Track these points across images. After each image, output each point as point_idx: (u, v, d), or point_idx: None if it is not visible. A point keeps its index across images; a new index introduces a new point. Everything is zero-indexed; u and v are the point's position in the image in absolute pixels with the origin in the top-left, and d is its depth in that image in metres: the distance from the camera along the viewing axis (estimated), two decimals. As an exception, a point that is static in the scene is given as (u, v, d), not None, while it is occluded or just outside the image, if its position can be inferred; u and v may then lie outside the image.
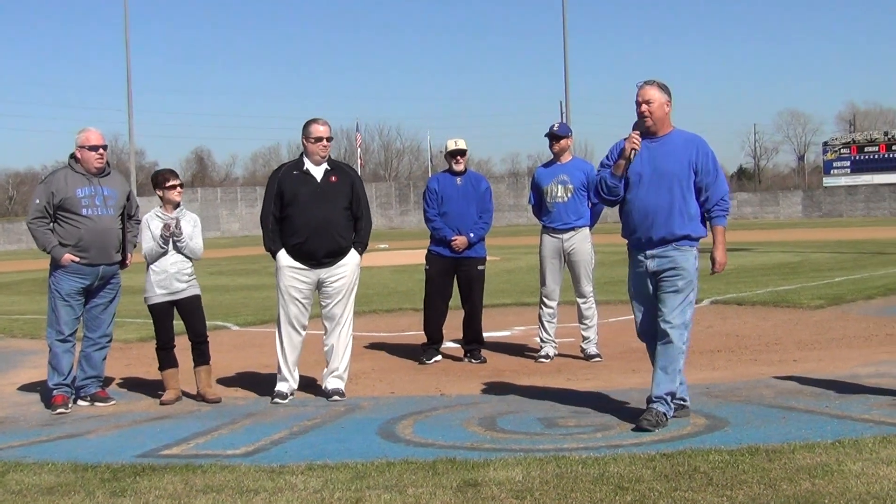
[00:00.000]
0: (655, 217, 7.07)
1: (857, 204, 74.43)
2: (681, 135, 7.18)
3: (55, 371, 8.58)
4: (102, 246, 8.60)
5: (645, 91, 7.08)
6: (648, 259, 7.14)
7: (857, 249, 27.90)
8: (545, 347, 10.33)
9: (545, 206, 10.31)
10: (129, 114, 62.84)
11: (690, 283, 7.06)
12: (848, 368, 8.96)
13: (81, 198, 8.53)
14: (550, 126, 10.30)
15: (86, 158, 8.64)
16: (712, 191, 7.05)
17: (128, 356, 11.42)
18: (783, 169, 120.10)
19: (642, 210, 7.13)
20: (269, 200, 8.61)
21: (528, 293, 17.58)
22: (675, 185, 7.04)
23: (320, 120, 8.66)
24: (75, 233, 8.50)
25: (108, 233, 8.64)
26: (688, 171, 7.04)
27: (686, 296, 7.05)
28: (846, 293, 15.36)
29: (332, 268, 8.54)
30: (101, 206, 8.61)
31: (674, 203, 7.04)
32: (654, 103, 7.06)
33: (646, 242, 7.15)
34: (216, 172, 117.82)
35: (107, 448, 6.89)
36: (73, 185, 8.54)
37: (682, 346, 7.03)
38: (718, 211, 7.10)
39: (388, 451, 6.45)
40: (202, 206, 71.55)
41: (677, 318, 7.01)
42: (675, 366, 6.99)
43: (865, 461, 5.65)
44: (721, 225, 7.13)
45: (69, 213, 8.50)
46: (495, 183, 77.21)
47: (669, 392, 6.97)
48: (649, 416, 6.88)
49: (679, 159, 7.06)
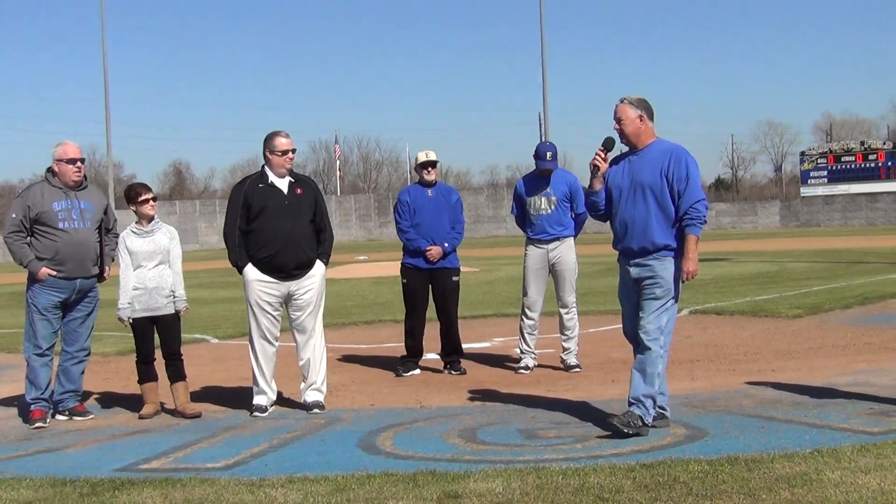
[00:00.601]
0: (634, 228, 7.22)
1: (835, 213, 74.82)
2: (659, 146, 7.28)
3: (33, 385, 8.53)
4: (79, 259, 8.55)
5: (617, 109, 7.30)
6: (631, 267, 7.28)
7: (835, 259, 28.04)
8: (525, 359, 10.32)
9: (528, 217, 10.30)
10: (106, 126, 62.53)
11: (668, 292, 7.14)
12: (826, 377, 9.00)
13: (58, 211, 8.49)
14: (540, 147, 10.31)
15: (63, 172, 8.61)
16: (684, 198, 7.11)
17: (106, 370, 11.37)
18: (761, 179, 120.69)
19: (622, 222, 7.30)
20: (235, 214, 8.57)
21: (507, 304, 17.60)
22: (648, 195, 7.17)
23: (282, 132, 8.65)
24: (52, 246, 8.45)
25: (84, 246, 8.60)
26: (660, 181, 7.15)
27: (663, 303, 7.13)
28: (824, 302, 15.43)
29: (300, 280, 8.53)
30: (78, 220, 8.57)
31: (649, 213, 7.15)
32: (625, 120, 7.26)
33: (629, 253, 7.29)
34: (195, 185, 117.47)
35: (85, 462, 6.86)
36: (49, 198, 8.51)
37: (659, 349, 7.08)
38: (688, 219, 7.12)
39: (368, 463, 6.45)
40: (181, 218, 71.33)
41: (652, 323, 7.09)
42: (651, 370, 7.04)
43: (844, 470, 5.68)
44: (692, 234, 7.14)
45: (46, 227, 8.46)
46: (474, 195, 77.35)
47: (647, 395, 7.00)
48: (622, 416, 6.96)
49: (651, 171, 7.19)
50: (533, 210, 10.21)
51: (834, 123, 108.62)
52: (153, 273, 8.52)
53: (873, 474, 5.57)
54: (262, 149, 8.65)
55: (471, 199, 73.60)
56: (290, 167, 8.64)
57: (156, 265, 8.55)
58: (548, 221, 10.18)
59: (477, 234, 70.14)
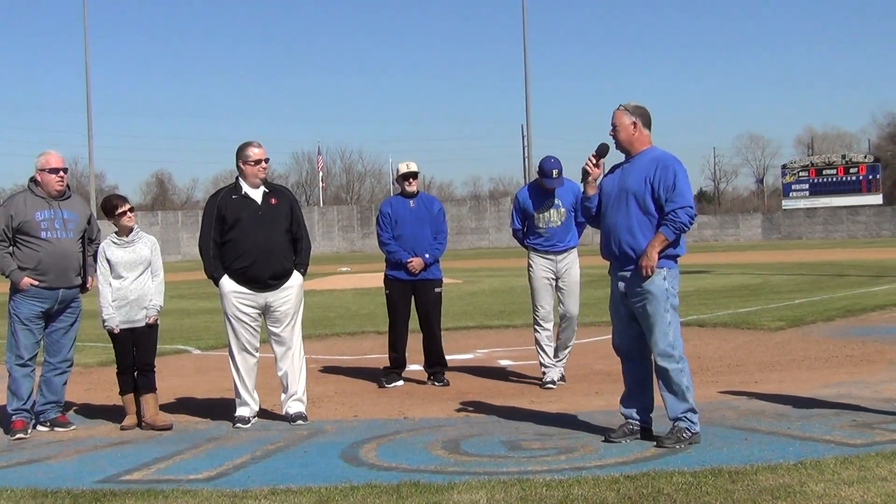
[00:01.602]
0: (615, 234, 7.19)
1: (816, 226, 75.19)
2: (650, 153, 7.25)
3: (14, 396, 8.47)
4: (62, 269, 8.51)
5: (613, 116, 7.27)
6: (619, 280, 7.25)
7: (817, 271, 28.16)
8: (549, 373, 10.04)
9: (535, 230, 10.06)
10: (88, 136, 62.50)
11: (661, 306, 7.06)
12: (809, 389, 9.02)
13: (40, 221, 8.45)
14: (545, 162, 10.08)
15: (46, 181, 8.57)
16: (667, 203, 7.06)
17: (88, 380, 11.31)
18: (742, 192, 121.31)
19: (606, 228, 7.30)
20: (209, 226, 8.54)
21: (490, 316, 17.61)
22: (631, 201, 7.13)
23: (255, 142, 8.63)
24: (34, 256, 8.41)
25: (67, 256, 8.56)
26: (644, 187, 7.11)
27: (661, 319, 7.06)
28: (806, 315, 15.49)
29: (277, 291, 8.50)
30: (61, 230, 8.53)
31: (631, 219, 7.12)
32: (619, 127, 7.24)
33: (613, 260, 7.27)
34: (177, 195, 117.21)
35: (67, 474, 6.81)
36: (32, 208, 8.47)
37: (675, 366, 7.06)
38: (665, 220, 7.04)
39: (351, 474, 6.42)
40: (163, 229, 71.19)
41: (659, 343, 7.07)
42: (678, 387, 7.04)
43: (827, 482, 5.69)
44: (662, 232, 7.04)
45: (28, 237, 8.42)
46: (457, 206, 77.38)
47: (685, 410, 7.00)
48: (670, 434, 6.97)
49: (636, 178, 7.17)
50: (542, 224, 9.98)
51: (815, 137, 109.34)
52: (134, 284, 8.46)
53: (856, 486, 5.58)
54: (235, 160, 8.63)
55: (454, 211, 73.63)
56: (264, 177, 8.62)
57: (138, 276, 8.48)
58: (559, 233, 10.00)
59: (460, 245, 70.14)
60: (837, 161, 77.82)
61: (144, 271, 8.54)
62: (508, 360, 12.02)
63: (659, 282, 7.08)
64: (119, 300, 8.42)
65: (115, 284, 8.44)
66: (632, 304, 7.18)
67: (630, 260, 7.14)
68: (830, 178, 76.53)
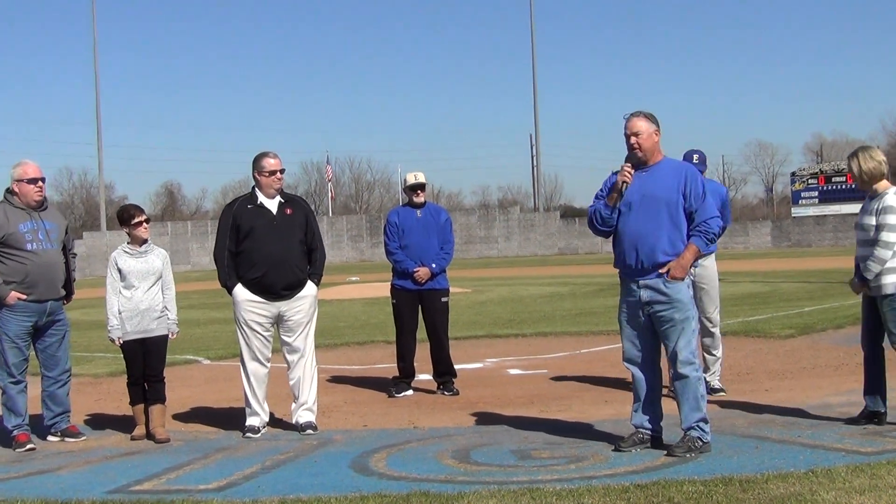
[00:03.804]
0: (644, 242, 7.10)
1: (826, 234, 74.97)
2: (670, 163, 7.24)
3: (12, 413, 8.38)
4: (50, 281, 8.44)
5: (633, 123, 7.16)
6: (641, 289, 7.15)
7: (826, 279, 28.07)
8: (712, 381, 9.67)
9: None
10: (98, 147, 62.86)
11: (687, 313, 7.09)
12: (819, 397, 9.00)
13: (25, 233, 8.33)
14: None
15: (24, 192, 8.44)
16: (699, 213, 7.08)
17: (98, 391, 11.32)
18: (752, 199, 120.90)
19: (631, 236, 7.16)
20: (224, 235, 8.57)
21: (499, 325, 17.59)
22: (662, 209, 7.08)
23: (270, 153, 8.66)
24: (21, 269, 8.29)
25: (54, 267, 8.49)
26: (676, 196, 7.08)
27: (686, 326, 7.09)
28: (816, 322, 15.45)
29: (290, 301, 8.52)
30: (45, 241, 8.43)
31: (661, 228, 7.07)
32: (643, 134, 7.15)
33: (637, 270, 7.16)
34: (186, 206, 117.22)
35: (77, 484, 6.82)
36: (14, 220, 8.34)
37: (696, 373, 7.09)
38: (697, 230, 7.09)
39: (361, 484, 6.42)
40: (172, 239, 71.25)
41: (683, 350, 7.07)
42: (695, 394, 7.05)
43: (838, 490, 5.67)
44: (694, 243, 7.09)
45: (13, 250, 8.29)
46: (466, 215, 77.36)
47: (699, 420, 7.00)
48: (681, 444, 6.96)
49: (668, 185, 7.11)
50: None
51: (824, 144, 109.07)
52: (146, 295, 8.47)
53: (868, 495, 5.56)
54: (251, 170, 8.65)
55: (462, 220, 73.63)
56: (280, 187, 8.64)
57: (149, 287, 8.50)
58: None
59: (469, 254, 70.13)
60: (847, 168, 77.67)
61: (156, 282, 8.54)
62: (518, 370, 12.01)
63: (685, 290, 7.10)
64: (129, 310, 8.43)
65: (126, 294, 8.45)
66: (654, 313, 7.13)
67: (656, 268, 7.09)
68: (840, 186, 76.27)
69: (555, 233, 75.52)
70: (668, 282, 7.05)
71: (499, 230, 76.25)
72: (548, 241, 75.03)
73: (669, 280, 7.05)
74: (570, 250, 73.44)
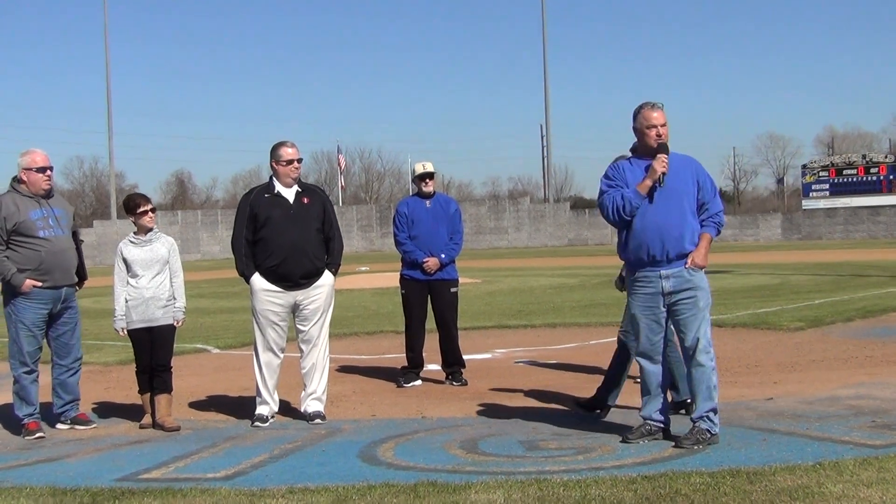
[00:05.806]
0: (669, 234, 7.10)
1: (836, 226, 74.77)
2: (675, 155, 7.25)
3: (24, 402, 8.41)
4: (64, 267, 8.47)
5: (661, 115, 7.20)
6: (664, 279, 7.15)
7: (837, 272, 28.02)
8: None
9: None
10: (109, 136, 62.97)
11: (708, 301, 7.21)
12: (828, 390, 8.99)
13: (36, 220, 8.36)
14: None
15: (33, 181, 8.46)
16: (711, 206, 7.22)
17: (107, 379, 11.36)
18: (762, 192, 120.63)
19: (654, 228, 7.11)
20: (242, 224, 8.59)
21: (508, 316, 17.59)
22: (683, 201, 7.15)
23: (288, 142, 8.67)
24: (35, 257, 8.32)
25: (66, 253, 8.52)
26: (693, 189, 7.18)
27: (706, 315, 7.18)
28: (826, 315, 15.42)
29: (307, 290, 8.53)
30: (56, 227, 8.46)
31: (684, 219, 7.13)
32: (666, 126, 7.23)
33: (660, 261, 7.14)
34: (196, 195, 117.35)
35: (86, 472, 6.85)
36: (24, 208, 8.36)
37: (712, 363, 7.12)
38: (710, 222, 7.23)
39: (368, 474, 6.43)
40: (182, 228, 71.34)
41: (703, 338, 7.12)
42: (709, 382, 7.07)
43: (846, 483, 5.66)
44: (709, 233, 7.22)
45: (26, 238, 8.31)
46: (476, 206, 77.32)
47: (709, 409, 7.02)
48: (690, 435, 6.96)
49: (684, 178, 7.18)
50: None
51: (836, 136, 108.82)
52: (151, 283, 8.48)
53: (875, 488, 5.56)
54: (269, 159, 8.66)
55: (472, 211, 73.63)
56: (297, 176, 8.65)
57: (154, 275, 8.50)
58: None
59: (479, 245, 70.09)
60: (858, 161, 77.34)
61: (161, 271, 8.54)
62: (526, 361, 12.02)
63: (705, 278, 7.21)
64: (135, 299, 8.44)
65: (132, 283, 8.46)
66: (678, 301, 7.13)
67: (682, 258, 7.12)
68: (851, 178, 76.09)
69: (565, 224, 75.47)
70: (692, 270, 7.11)
71: (509, 221, 76.22)
72: (558, 232, 74.98)
73: (693, 268, 7.11)
74: (580, 241, 73.39)
